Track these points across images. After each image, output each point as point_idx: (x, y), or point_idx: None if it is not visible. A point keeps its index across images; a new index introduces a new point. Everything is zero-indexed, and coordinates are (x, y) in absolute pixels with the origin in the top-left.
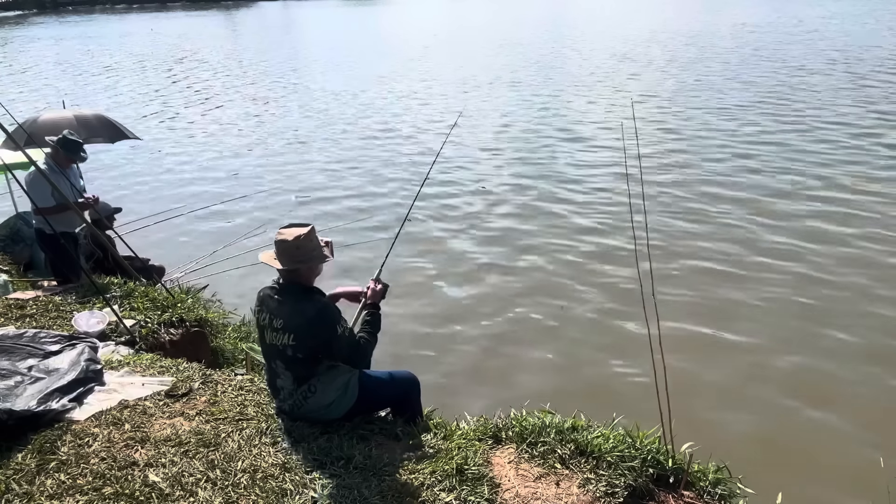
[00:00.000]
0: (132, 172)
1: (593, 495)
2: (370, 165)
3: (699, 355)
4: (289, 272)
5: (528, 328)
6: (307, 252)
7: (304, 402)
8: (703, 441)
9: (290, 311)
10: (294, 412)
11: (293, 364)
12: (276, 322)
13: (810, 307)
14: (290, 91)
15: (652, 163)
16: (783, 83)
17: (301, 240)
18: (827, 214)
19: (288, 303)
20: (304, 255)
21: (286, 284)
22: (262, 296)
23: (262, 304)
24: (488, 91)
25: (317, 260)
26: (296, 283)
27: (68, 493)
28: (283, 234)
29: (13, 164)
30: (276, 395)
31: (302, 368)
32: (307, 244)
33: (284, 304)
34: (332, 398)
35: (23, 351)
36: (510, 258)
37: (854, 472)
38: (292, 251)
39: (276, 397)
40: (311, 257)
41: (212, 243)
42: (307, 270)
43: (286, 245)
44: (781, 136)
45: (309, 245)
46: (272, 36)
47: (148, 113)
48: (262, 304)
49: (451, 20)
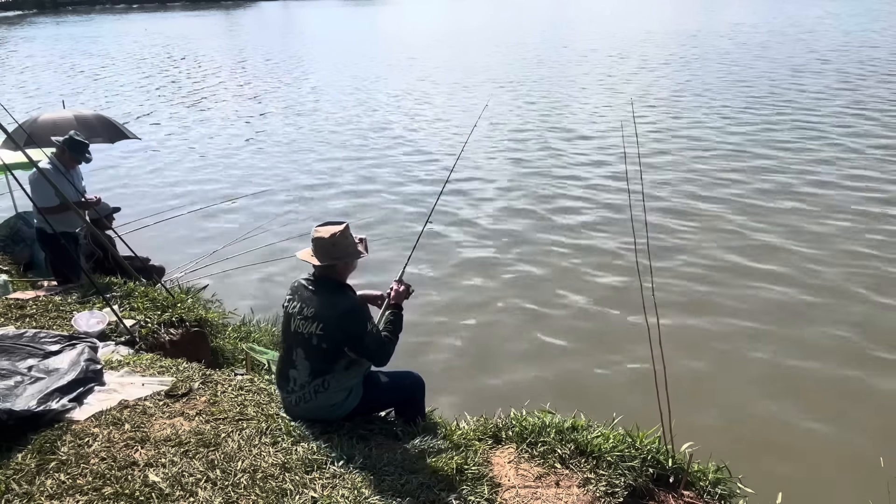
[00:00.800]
0: (132, 172)
1: (593, 495)
2: (368, 164)
3: (700, 355)
4: (326, 268)
5: (527, 328)
6: (343, 249)
7: (313, 396)
8: (703, 441)
9: (324, 303)
10: (299, 406)
11: (315, 354)
12: (306, 310)
13: (812, 307)
14: (290, 91)
15: (651, 162)
16: (777, 83)
17: (337, 237)
18: (827, 213)
19: (322, 294)
20: (339, 251)
21: (321, 278)
22: (296, 285)
23: (294, 292)
24: (487, 92)
25: (352, 256)
26: (331, 279)
27: (68, 493)
28: (320, 232)
29: (13, 164)
30: (284, 385)
31: (322, 361)
32: (343, 241)
33: (318, 295)
34: (339, 398)
35: (23, 351)
36: (509, 258)
37: (854, 472)
38: (329, 248)
39: (284, 389)
40: (346, 253)
41: (212, 243)
42: (343, 267)
43: (323, 242)
44: (781, 136)
45: (344, 242)
46: (272, 36)
47: (148, 113)
48: (295, 292)
49: (451, 21)
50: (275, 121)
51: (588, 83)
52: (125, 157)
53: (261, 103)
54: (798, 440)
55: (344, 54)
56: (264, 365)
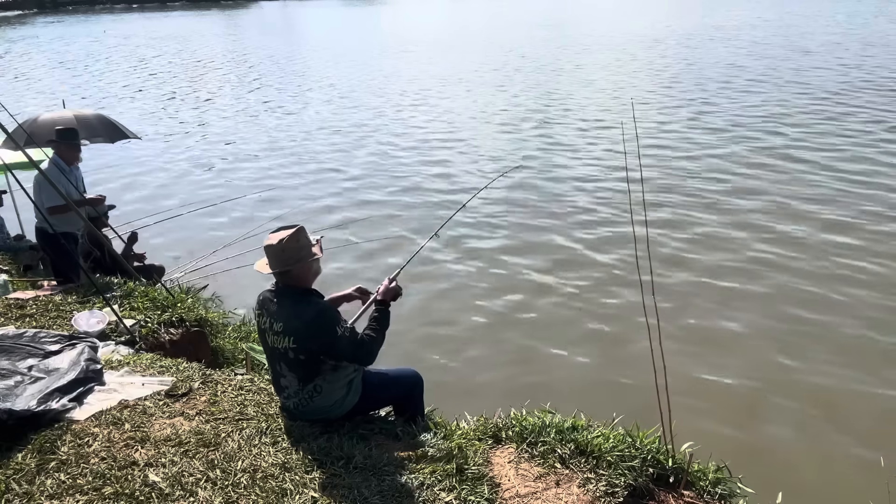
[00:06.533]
0: (132, 172)
1: (593, 495)
2: (369, 164)
3: (700, 355)
4: (281, 275)
5: (526, 328)
6: (294, 253)
7: (309, 402)
8: (703, 441)
9: (289, 314)
10: (298, 410)
11: (296, 366)
12: (275, 325)
13: (813, 308)
14: (291, 91)
15: (651, 162)
16: (780, 84)
17: (285, 242)
18: (826, 212)
19: (286, 306)
20: (290, 256)
21: (283, 287)
22: (262, 299)
23: (261, 307)
24: (488, 91)
25: (304, 259)
26: (291, 286)
27: (68, 492)
28: (270, 239)
29: (13, 164)
30: (280, 392)
31: (305, 370)
32: (292, 245)
33: (283, 308)
34: (336, 398)
35: (23, 351)
36: (508, 258)
37: (854, 472)
38: (279, 254)
39: (280, 395)
40: (298, 258)
41: (212, 243)
42: (300, 271)
43: (273, 249)
44: (779, 135)
45: (294, 246)
46: (273, 36)
47: (148, 112)
48: (262, 307)
49: (450, 21)
50: (275, 121)
51: (589, 83)
52: (125, 156)
53: (261, 103)
54: (798, 440)
55: (344, 54)
56: (264, 365)
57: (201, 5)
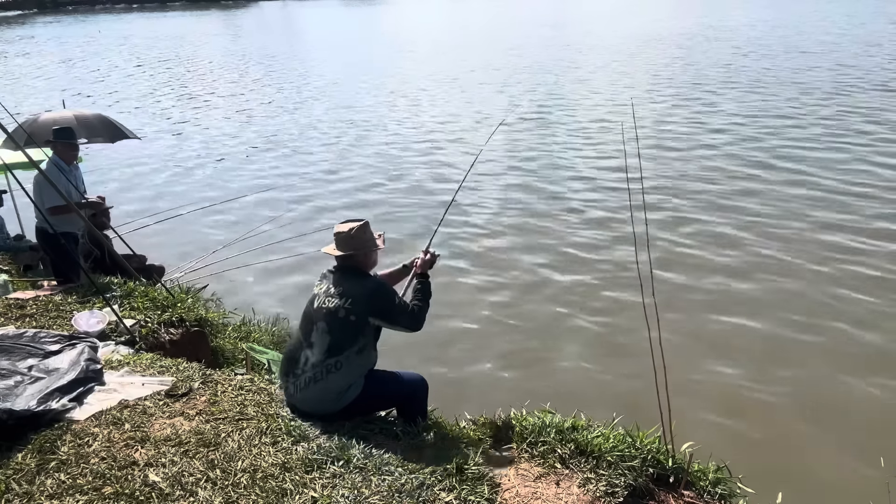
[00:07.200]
0: (132, 172)
1: (593, 495)
2: (369, 164)
3: (700, 355)
4: (345, 258)
5: (526, 328)
6: (361, 241)
7: (324, 377)
8: (703, 441)
9: (351, 284)
10: (304, 390)
11: (340, 328)
12: (334, 290)
13: (813, 308)
14: (291, 92)
15: (651, 164)
16: (779, 84)
17: (354, 231)
18: (826, 212)
19: (348, 278)
20: (357, 243)
21: (345, 267)
22: (325, 273)
23: (323, 278)
24: (487, 91)
25: (369, 247)
26: (354, 268)
27: (68, 492)
28: (340, 228)
29: (13, 164)
30: (291, 370)
31: (345, 333)
32: (360, 235)
33: (345, 279)
34: (342, 386)
35: (23, 351)
36: (508, 258)
37: (854, 472)
38: (348, 240)
39: (290, 373)
40: (364, 245)
41: (212, 243)
42: (363, 257)
43: (343, 236)
44: (779, 135)
45: (362, 236)
46: (273, 36)
47: (148, 112)
48: (324, 278)
49: (450, 21)
50: (275, 121)
51: (589, 83)
52: (125, 156)
53: (262, 103)
54: (798, 440)
55: (343, 54)
56: (264, 365)
57: (201, 5)
